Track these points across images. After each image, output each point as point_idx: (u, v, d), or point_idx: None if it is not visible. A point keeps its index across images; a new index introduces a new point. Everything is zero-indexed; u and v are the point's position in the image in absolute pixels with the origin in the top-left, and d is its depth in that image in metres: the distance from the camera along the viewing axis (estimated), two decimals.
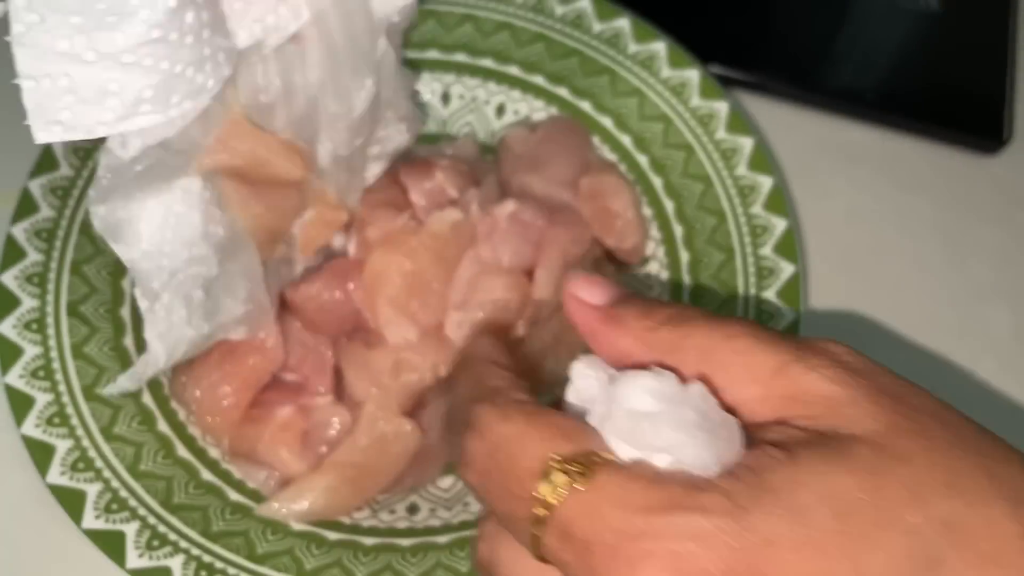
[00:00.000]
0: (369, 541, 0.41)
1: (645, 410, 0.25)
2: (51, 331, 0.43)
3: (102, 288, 0.45)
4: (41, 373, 0.42)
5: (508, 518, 0.26)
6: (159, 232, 0.35)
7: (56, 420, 0.41)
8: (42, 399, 0.41)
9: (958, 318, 0.51)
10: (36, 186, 0.47)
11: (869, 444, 0.24)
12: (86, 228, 0.46)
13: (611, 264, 0.49)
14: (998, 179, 0.56)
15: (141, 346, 0.45)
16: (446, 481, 0.44)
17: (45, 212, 0.46)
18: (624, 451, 0.25)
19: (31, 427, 0.41)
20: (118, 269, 0.46)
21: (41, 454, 0.40)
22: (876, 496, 0.23)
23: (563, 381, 0.29)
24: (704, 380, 0.27)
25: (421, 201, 0.46)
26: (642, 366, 0.27)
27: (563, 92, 0.52)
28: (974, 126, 0.55)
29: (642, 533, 0.23)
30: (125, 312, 0.45)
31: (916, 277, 0.52)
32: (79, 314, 0.44)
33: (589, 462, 0.24)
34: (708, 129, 0.49)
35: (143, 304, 0.36)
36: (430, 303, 0.43)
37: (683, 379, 0.27)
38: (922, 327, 0.51)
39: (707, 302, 0.46)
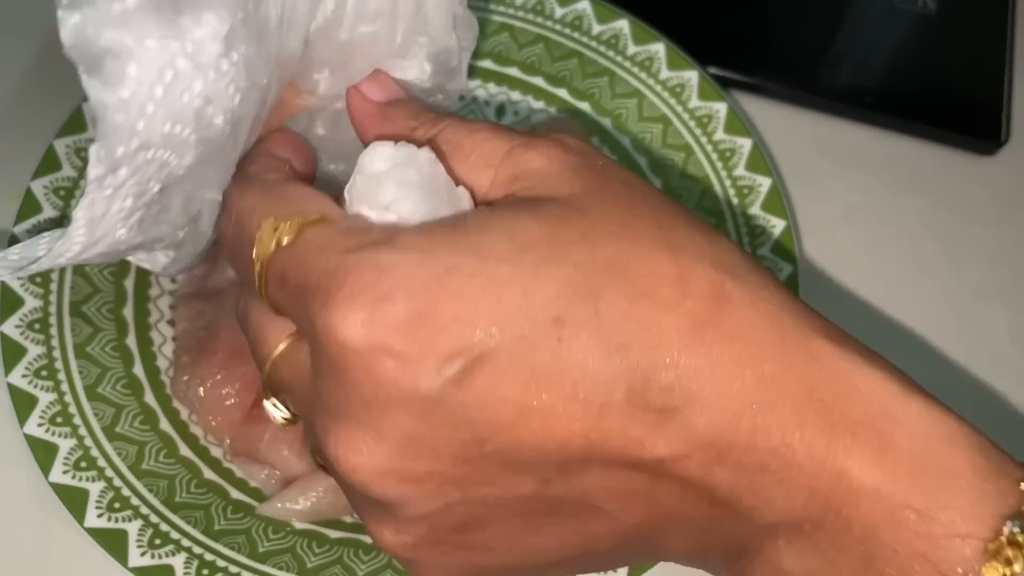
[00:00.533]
0: (370, 540, 0.41)
1: (376, 171, 0.28)
2: (54, 331, 0.44)
3: (105, 288, 0.46)
4: (44, 373, 0.42)
5: (245, 281, 0.30)
6: (149, 84, 0.26)
7: (59, 419, 0.41)
8: (45, 398, 0.42)
9: (955, 318, 0.51)
10: (39, 187, 0.47)
11: (559, 202, 0.27)
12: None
13: None
14: (996, 180, 0.56)
15: (144, 345, 0.45)
16: None
17: (48, 212, 0.46)
18: (359, 212, 0.28)
19: (34, 426, 0.41)
20: (121, 270, 0.46)
21: (44, 453, 0.40)
22: (552, 236, 0.26)
23: None
24: (449, 168, 0.29)
25: None
26: None
27: (563, 93, 0.52)
28: (972, 127, 0.56)
29: (340, 267, 0.25)
30: (127, 312, 0.46)
31: (913, 277, 0.52)
32: (82, 314, 0.45)
33: (302, 222, 0.27)
34: (707, 130, 0.50)
35: (94, 171, 0.26)
36: None
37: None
38: (919, 327, 0.51)
39: None
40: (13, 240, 0.45)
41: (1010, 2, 0.61)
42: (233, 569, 0.39)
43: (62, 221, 0.46)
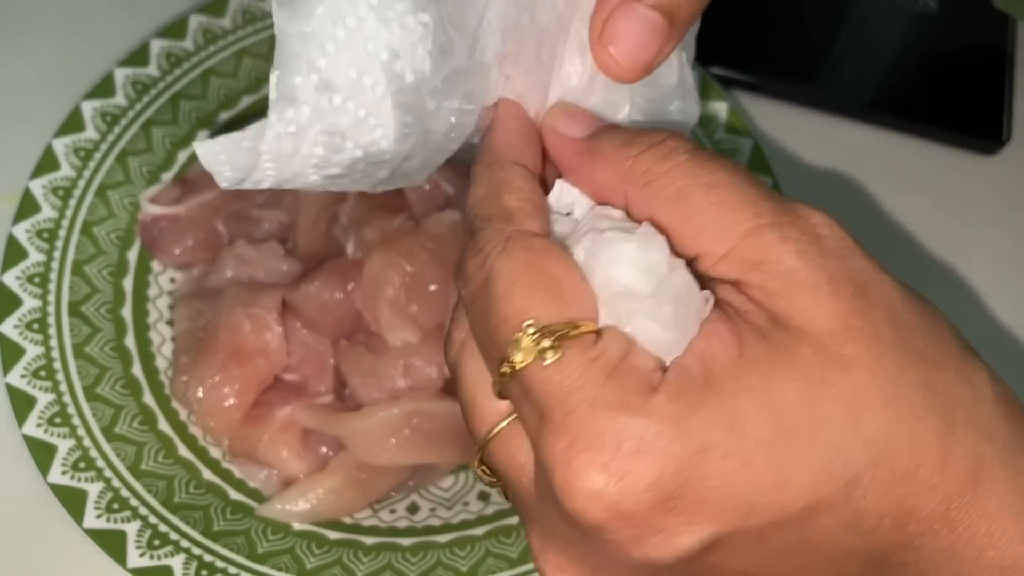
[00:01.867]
0: (369, 540, 0.41)
1: (625, 283, 0.26)
2: (52, 331, 0.44)
3: (103, 288, 0.46)
4: (43, 373, 0.42)
5: (483, 346, 0.27)
6: (331, 25, 0.26)
7: (57, 420, 0.41)
8: (44, 399, 0.42)
9: (956, 318, 0.51)
10: (38, 186, 0.47)
11: (816, 346, 0.24)
12: (88, 228, 0.46)
13: None
14: (996, 179, 0.56)
15: (143, 345, 0.45)
16: (447, 481, 0.44)
17: (47, 212, 0.46)
18: (601, 314, 0.26)
19: (32, 427, 0.41)
20: (119, 270, 0.46)
21: (42, 454, 0.40)
22: (813, 412, 0.24)
23: None
24: (674, 223, 0.26)
25: (418, 202, 0.46)
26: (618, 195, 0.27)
27: None
28: (973, 127, 0.56)
29: (589, 425, 0.24)
30: (126, 312, 0.46)
31: (914, 277, 0.52)
32: (80, 314, 0.44)
33: (562, 336, 0.25)
34: (708, 130, 0.50)
35: (272, 95, 0.26)
36: (430, 305, 0.43)
37: (653, 220, 0.26)
38: None
39: None
40: (11, 240, 0.45)
41: None
42: (232, 570, 0.39)
43: (62, 221, 0.46)
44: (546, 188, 0.29)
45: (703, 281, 0.26)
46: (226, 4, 0.52)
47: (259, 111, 0.51)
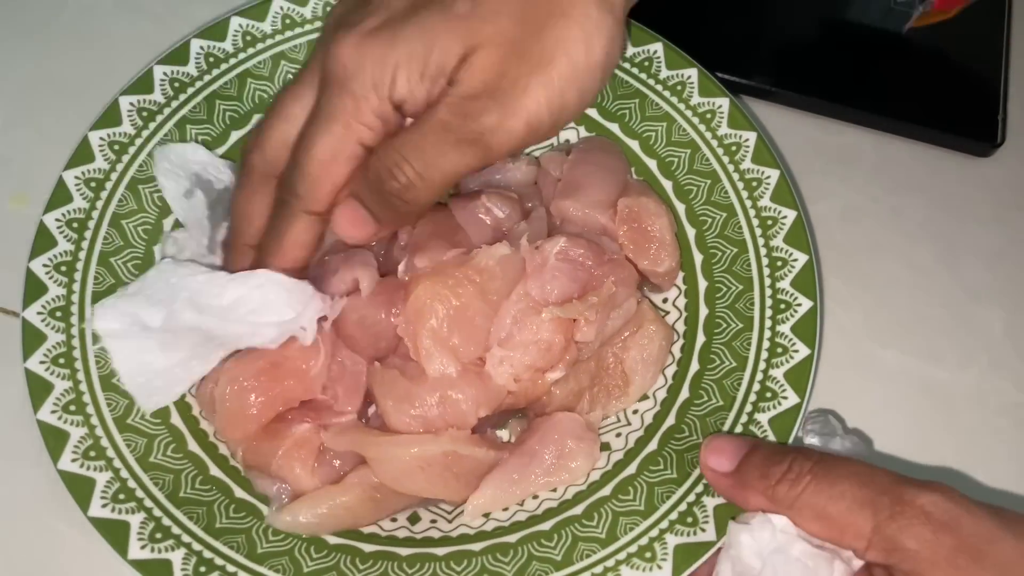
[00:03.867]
0: (368, 548, 0.41)
1: (746, 562, 0.37)
2: (75, 320, 0.44)
3: (128, 280, 0.46)
4: (61, 360, 0.43)
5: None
6: None
7: (72, 408, 0.42)
8: (60, 386, 0.42)
9: (951, 318, 0.52)
10: (71, 177, 0.48)
11: None
12: (117, 221, 0.47)
13: (644, 284, 0.48)
14: (991, 181, 0.56)
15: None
16: None
17: (78, 203, 0.47)
18: None
19: (47, 413, 0.42)
20: (145, 263, 0.47)
21: (55, 440, 0.41)
22: None
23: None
24: (820, 532, 0.35)
25: (471, 232, 0.46)
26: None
27: (592, 113, 0.52)
28: (968, 129, 0.56)
29: None
30: None
31: (910, 278, 0.53)
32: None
33: None
34: (735, 159, 0.49)
35: None
36: (472, 338, 0.43)
37: (805, 529, 0.36)
38: (916, 326, 0.51)
39: (722, 331, 0.46)
40: (41, 228, 0.46)
41: (1007, 4, 0.60)
42: (231, 568, 0.40)
43: (92, 212, 0.47)
44: None
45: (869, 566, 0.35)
46: (267, 8, 0.53)
47: None
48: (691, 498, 0.41)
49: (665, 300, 0.49)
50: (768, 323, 0.45)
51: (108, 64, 0.57)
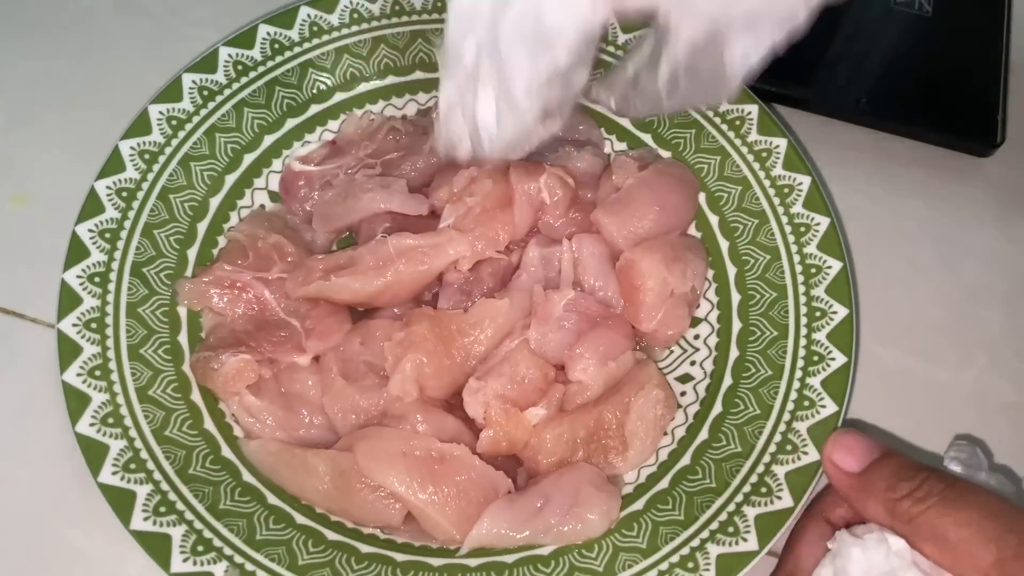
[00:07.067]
0: (365, 548, 0.41)
1: None
2: (109, 331, 0.44)
3: (161, 291, 0.46)
4: (98, 372, 0.43)
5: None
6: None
7: (110, 420, 0.42)
8: (98, 399, 0.42)
9: (950, 317, 0.52)
10: (102, 187, 0.48)
11: None
12: (149, 230, 0.47)
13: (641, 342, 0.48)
14: (991, 181, 0.56)
15: (194, 343, 0.45)
16: None
17: (110, 213, 0.47)
18: None
19: (85, 426, 0.42)
20: (177, 272, 0.47)
21: (94, 453, 0.41)
22: None
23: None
24: (933, 553, 0.34)
25: (516, 209, 0.47)
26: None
27: (647, 138, 0.52)
28: (967, 129, 0.56)
29: None
30: (182, 311, 0.46)
31: (909, 277, 0.53)
32: (138, 315, 0.45)
33: None
34: (785, 201, 0.49)
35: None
36: (443, 378, 0.45)
37: (916, 548, 0.34)
38: (915, 326, 0.51)
39: (757, 339, 0.46)
40: (75, 239, 0.46)
41: (1005, 4, 0.60)
42: (227, 551, 0.40)
43: (124, 223, 0.47)
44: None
45: None
46: (294, 16, 0.53)
47: (322, 117, 0.52)
48: (731, 507, 0.41)
49: (696, 337, 0.48)
50: (804, 331, 0.45)
51: (108, 64, 0.56)
